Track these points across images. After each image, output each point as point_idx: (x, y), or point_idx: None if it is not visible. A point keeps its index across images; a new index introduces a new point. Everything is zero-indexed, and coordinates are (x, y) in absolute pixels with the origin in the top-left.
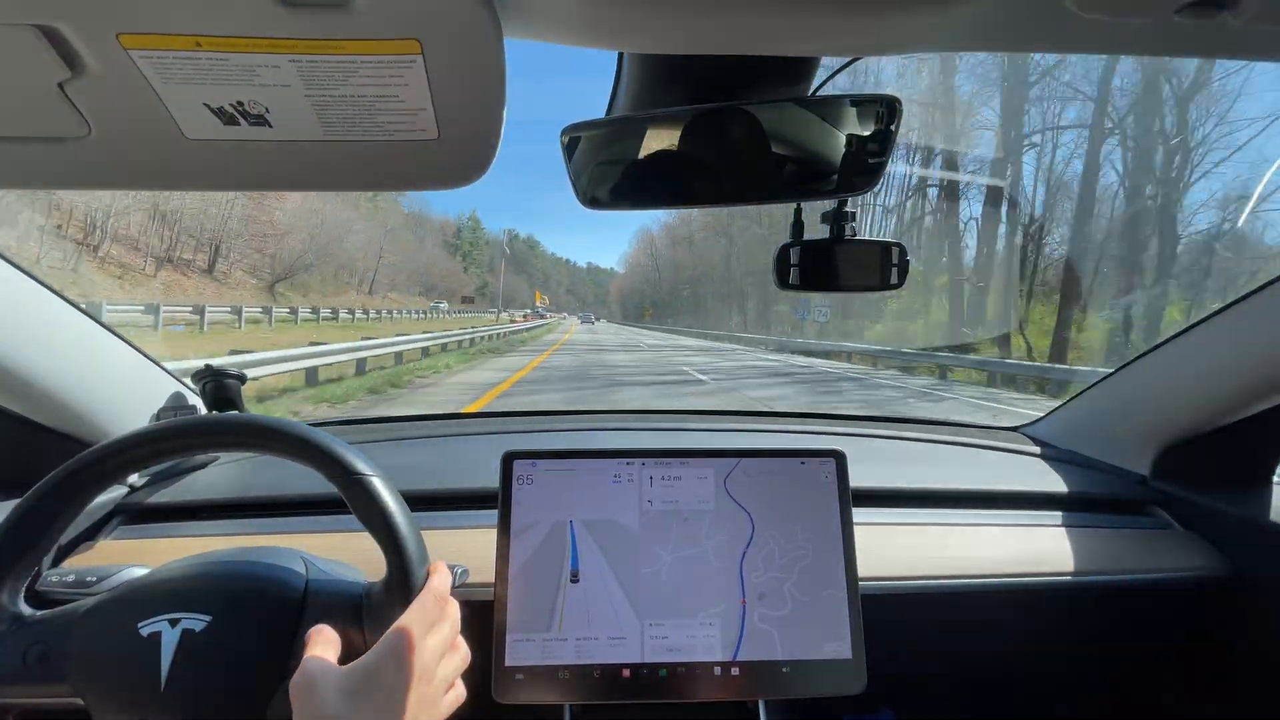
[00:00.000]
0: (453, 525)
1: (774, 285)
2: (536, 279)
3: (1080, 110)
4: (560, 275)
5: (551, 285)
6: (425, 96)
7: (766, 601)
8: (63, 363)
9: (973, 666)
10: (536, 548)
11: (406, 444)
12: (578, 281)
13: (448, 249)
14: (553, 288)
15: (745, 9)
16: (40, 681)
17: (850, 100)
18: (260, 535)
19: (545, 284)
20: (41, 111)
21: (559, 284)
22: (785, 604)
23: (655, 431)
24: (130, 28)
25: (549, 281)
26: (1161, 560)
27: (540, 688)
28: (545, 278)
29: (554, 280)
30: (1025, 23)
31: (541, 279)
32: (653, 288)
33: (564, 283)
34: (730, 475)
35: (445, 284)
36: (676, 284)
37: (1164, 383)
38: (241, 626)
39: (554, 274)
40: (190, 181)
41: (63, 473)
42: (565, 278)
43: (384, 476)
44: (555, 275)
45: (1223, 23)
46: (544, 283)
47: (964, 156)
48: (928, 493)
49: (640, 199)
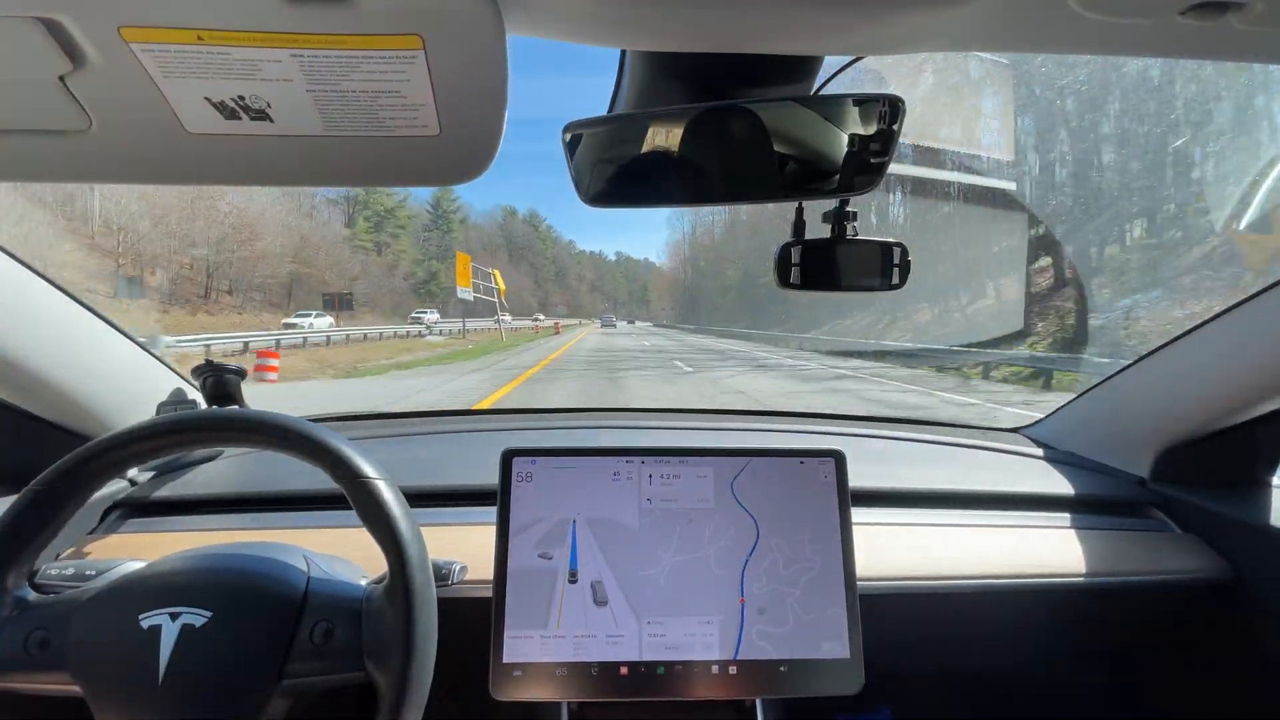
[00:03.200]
0: (451, 522)
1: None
2: (545, 271)
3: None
4: (579, 267)
5: (568, 280)
6: (427, 92)
7: (767, 617)
8: (64, 356)
9: (969, 666)
10: (535, 545)
11: (406, 440)
12: (604, 275)
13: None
14: (569, 284)
15: (748, 7)
16: (40, 668)
17: (853, 100)
18: (261, 530)
19: (561, 278)
20: (42, 104)
21: (578, 278)
22: (786, 620)
23: (655, 430)
24: (132, 20)
25: (564, 275)
26: (1160, 562)
27: (538, 685)
28: (559, 270)
29: (570, 273)
30: (1029, 23)
31: (553, 269)
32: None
33: (586, 277)
34: (737, 478)
35: (321, 275)
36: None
37: (1163, 385)
38: (241, 624)
39: (570, 265)
40: (190, 176)
41: (76, 458)
42: (589, 271)
43: (389, 480)
44: (572, 267)
45: (1226, 25)
46: (558, 275)
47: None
48: (926, 493)
49: (641, 197)
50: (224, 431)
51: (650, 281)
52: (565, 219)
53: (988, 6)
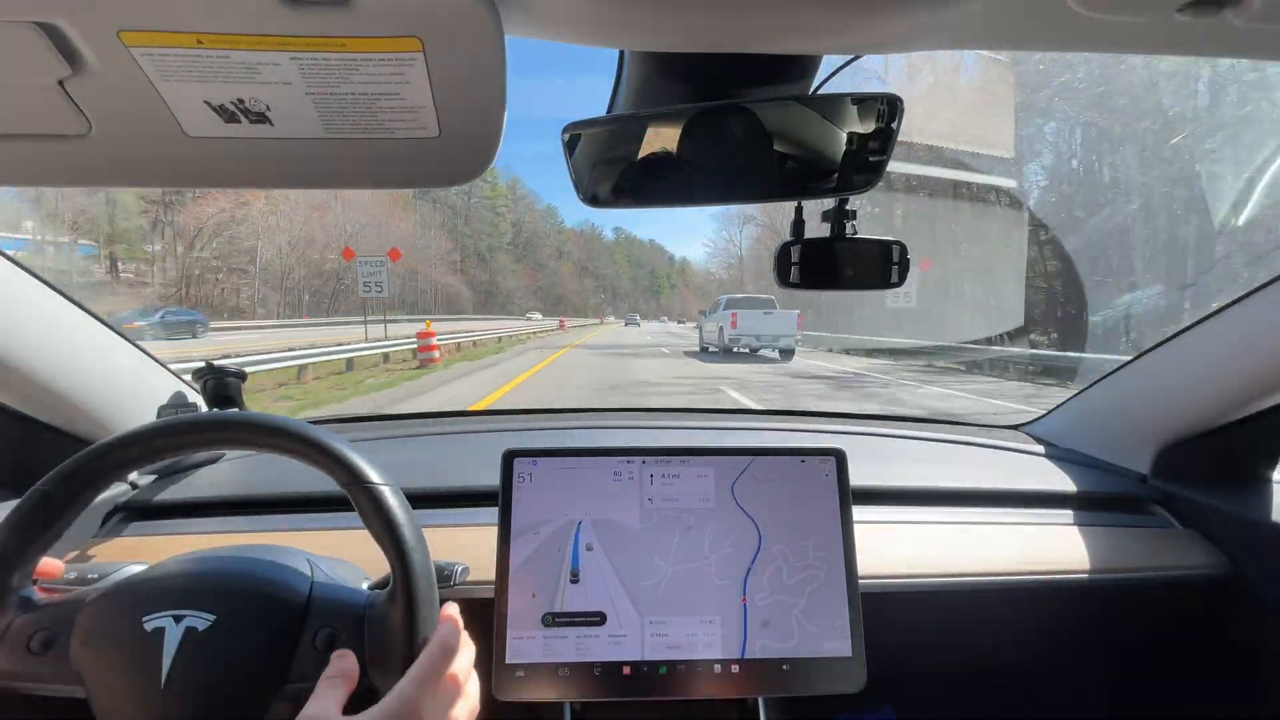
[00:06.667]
0: (453, 523)
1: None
2: (478, 234)
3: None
4: (559, 239)
5: (539, 256)
6: (426, 94)
7: (771, 630)
8: (64, 361)
9: (971, 664)
10: (537, 545)
11: (407, 441)
12: (597, 257)
13: None
14: (542, 260)
15: (746, 7)
16: (43, 668)
17: (852, 98)
18: (263, 532)
19: (528, 250)
20: (42, 109)
21: (557, 253)
22: (792, 635)
23: (655, 430)
24: (131, 24)
25: (533, 248)
26: (1161, 558)
27: (541, 685)
28: (526, 235)
29: (544, 245)
30: (1027, 21)
31: (553, 252)
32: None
33: (570, 255)
34: (738, 480)
35: None
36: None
37: (1163, 381)
38: (244, 629)
39: (545, 234)
40: (190, 179)
41: (85, 456)
42: (575, 248)
43: (394, 486)
44: (548, 237)
45: (1224, 22)
46: (523, 245)
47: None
48: (927, 491)
49: (641, 197)
50: (232, 433)
51: (669, 274)
52: (548, 185)
53: (986, 4)
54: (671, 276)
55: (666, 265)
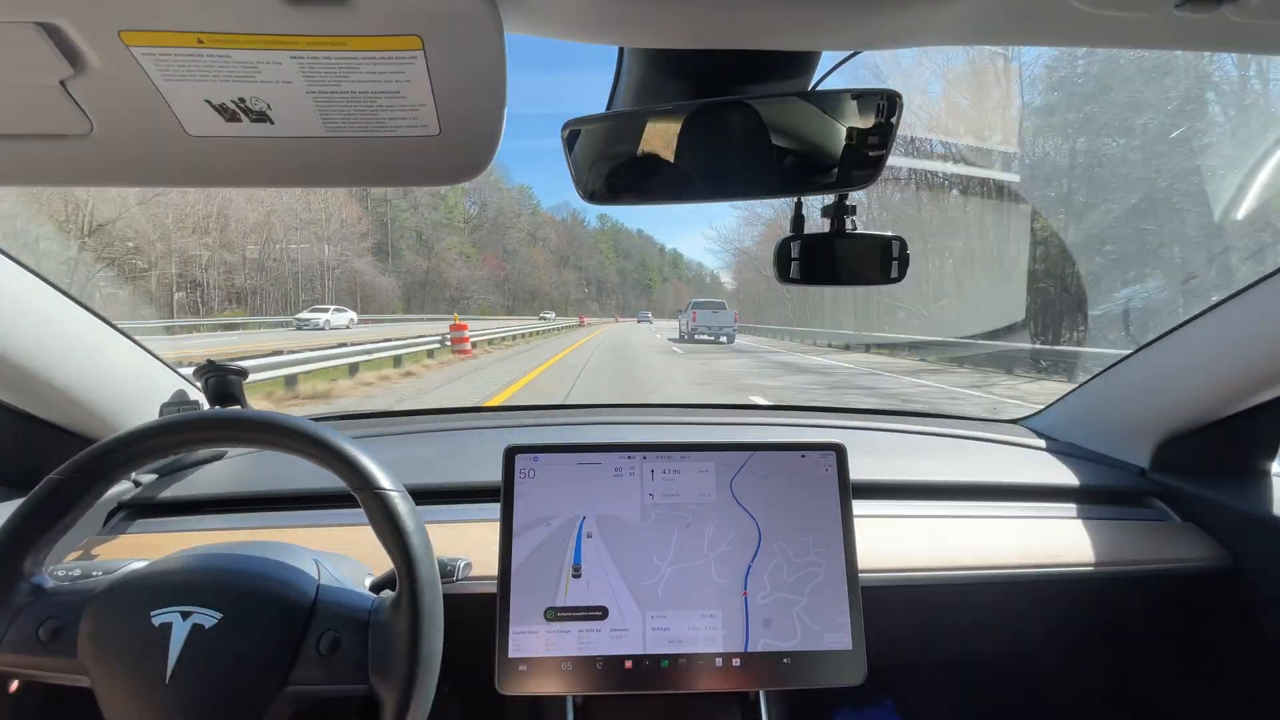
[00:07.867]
0: (455, 519)
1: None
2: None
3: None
4: (532, 220)
5: (505, 235)
6: (426, 92)
7: (773, 629)
8: (66, 359)
9: (971, 656)
10: (539, 541)
11: (409, 438)
12: (579, 244)
13: None
14: (508, 243)
15: (746, 4)
16: (50, 656)
17: (851, 94)
18: (266, 529)
19: (483, 229)
20: (43, 109)
21: (529, 237)
22: (794, 634)
23: (656, 425)
24: (132, 24)
25: (499, 227)
26: (1160, 551)
27: (543, 679)
28: (530, 237)
29: (512, 224)
30: (1027, 16)
31: (525, 237)
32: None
33: (548, 240)
34: (738, 476)
35: None
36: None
37: (1163, 376)
38: (250, 628)
39: (506, 209)
40: (191, 178)
41: (95, 451)
42: (551, 232)
43: (404, 493)
44: (516, 217)
45: (1223, 17)
46: (530, 244)
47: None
48: (927, 485)
49: (641, 193)
50: (248, 432)
51: (660, 266)
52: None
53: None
54: (663, 269)
55: (657, 257)
